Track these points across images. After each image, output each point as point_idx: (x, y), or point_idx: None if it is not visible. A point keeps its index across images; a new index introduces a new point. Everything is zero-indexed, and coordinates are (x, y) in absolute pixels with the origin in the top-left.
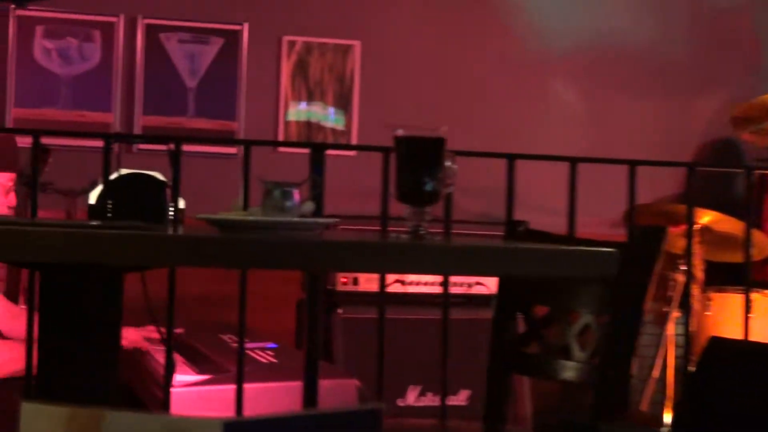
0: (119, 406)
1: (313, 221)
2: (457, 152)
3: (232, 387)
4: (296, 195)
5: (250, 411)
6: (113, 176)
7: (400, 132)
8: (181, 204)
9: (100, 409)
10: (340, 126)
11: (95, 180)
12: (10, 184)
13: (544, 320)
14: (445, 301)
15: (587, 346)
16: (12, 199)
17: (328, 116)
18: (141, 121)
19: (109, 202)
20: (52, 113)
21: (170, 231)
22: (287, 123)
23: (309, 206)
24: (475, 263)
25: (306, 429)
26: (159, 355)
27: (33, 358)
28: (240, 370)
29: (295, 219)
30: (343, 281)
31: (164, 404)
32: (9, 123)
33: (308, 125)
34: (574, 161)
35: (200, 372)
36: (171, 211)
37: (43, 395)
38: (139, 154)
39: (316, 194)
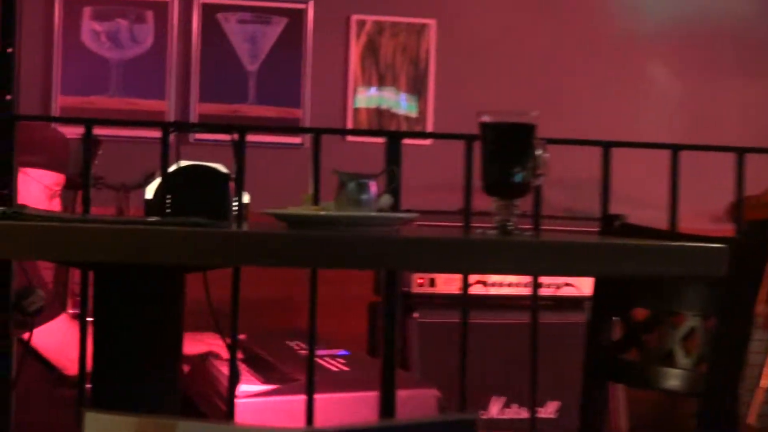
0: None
1: (392, 216)
2: (549, 140)
3: (301, 398)
4: (373, 188)
5: (320, 423)
6: (172, 169)
7: (486, 118)
8: (246, 198)
9: (170, 418)
10: (413, 113)
11: (152, 173)
12: (57, 188)
13: (645, 324)
14: (534, 304)
15: (692, 353)
16: (57, 205)
17: (401, 102)
18: (197, 109)
19: (168, 196)
20: (101, 101)
21: (235, 227)
22: (356, 110)
23: (387, 200)
24: (570, 262)
25: None
26: (221, 364)
27: (86, 364)
28: (310, 380)
29: (373, 214)
30: (419, 282)
31: (228, 416)
32: (55, 112)
33: (379, 112)
34: (676, 149)
35: (266, 381)
36: (235, 206)
37: (99, 404)
38: (196, 144)
39: (394, 187)
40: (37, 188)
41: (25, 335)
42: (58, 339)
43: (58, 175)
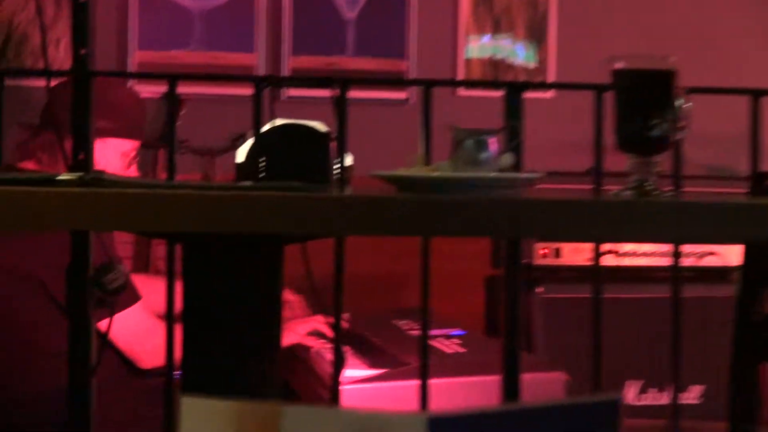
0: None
1: (515, 177)
2: (691, 89)
3: (413, 383)
4: (493, 145)
5: (433, 406)
6: (265, 128)
7: (619, 64)
8: (348, 160)
9: (277, 403)
10: (531, 63)
11: (241, 134)
12: (134, 153)
13: None
14: (676, 275)
15: None
16: (134, 173)
17: (517, 51)
18: (290, 63)
19: (262, 159)
20: (182, 56)
21: (338, 192)
22: (467, 61)
23: (508, 159)
24: (719, 227)
25: (527, 425)
26: (323, 349)
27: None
28: (424, 363)
29: (493, 175)
30: (542, 253)
31: (332, 404)
32: (132, 68)
33: (493, 63)
34: None
35: (373, 366)
36: (336, 168)
37: (191, 390)
38: (289, 102)
39: (516, 144)
40: (113, 156)
41: (102, 323)
42: (132, 328)
43: (133, 142)
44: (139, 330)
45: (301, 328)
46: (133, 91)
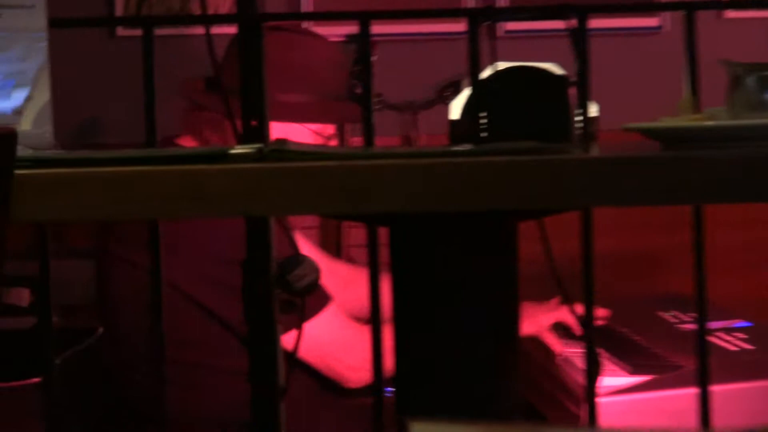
0: (522, 424)
1: None
2: None
3: (687, 391)
4: None
5: (720, 425)
6: (484, 74)
7: None
8: (593, 109)
9: (525, 425)
10: None
11: (452, 83)
12: (331, 131)
13: None
14: None
15: None
16: None
17: None
18: None
19: (483, 114)
20: None
21: (583, 152)
22: None
23: None
24: None
25: None
26: (569, 350)
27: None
28: (703, 365)
29: None
30: None
31: (588, 421)
32: (306, 7)
33: None
34: None
35: (635, 371)
36: (578, 121)
37: (407, 409)
38: (508, 38)
39: None
40: (304, 135)
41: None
42: (327, 339)
43: (330, 120)
44: (337, 340)
45: (544, 319)
46: (330, 45)
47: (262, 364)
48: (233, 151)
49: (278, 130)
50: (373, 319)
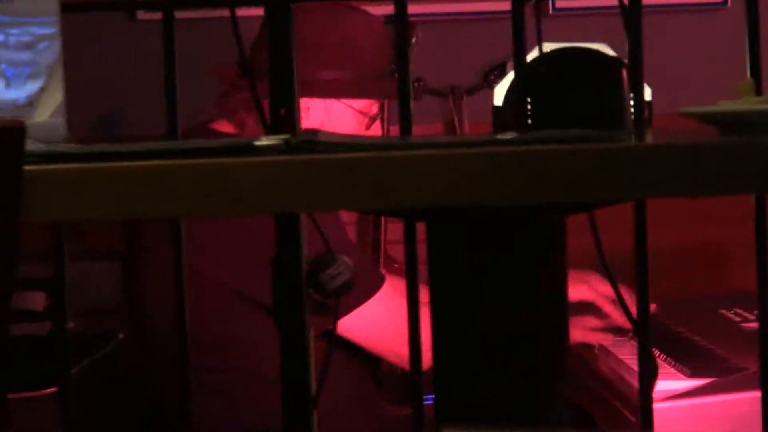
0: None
1: None
2: None
3: (752, 395)
4: None
5: None
6: (531, 57)
7: None
8: (647, 94)
9: None
10: None
11: (497, 66)
12: (375, 110)
13: None
14: None
15: None
16: (376, 130)
17: None
18: None
19: (529, 99)
20: None
21: (637, 140)
22: None
23: None
24: None
25: None
26: (621, 351)
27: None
28: (765, 367)
29: None
30: None
31: (643, 426)
32: None
33: None
34: None
35: (694, 374)
36: (632, 106)
37: (447, 415)
38: (557, 17)
39: None
40: (347, 116)
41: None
42: (379, 322)
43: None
44: (397, 320)
45: (603, 287)
46: (374, 20)
47: (293, 369)
48: (259, 143)
49: (320, 110)
50: (410, 326)
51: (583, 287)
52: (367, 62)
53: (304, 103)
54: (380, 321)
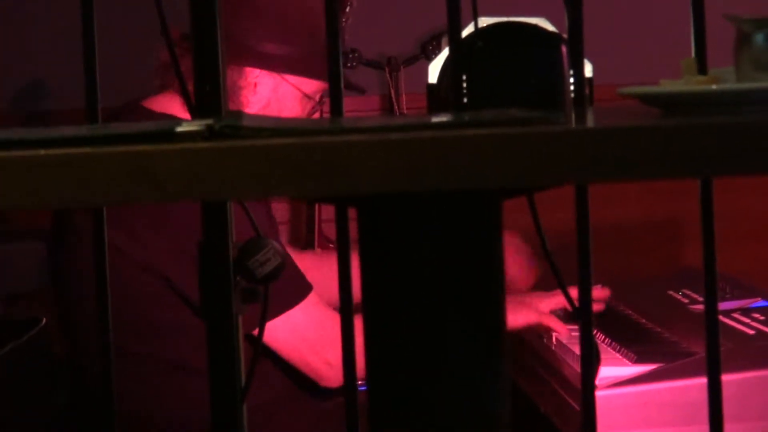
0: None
1: None
2: None
3: (699, 381)
4: None
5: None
6: (466, 32)
7: None
8: (587, 70)
9: None
10: None
11: (438, 34)
12: (317, 96)
13: None
14: None
15: None
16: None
17: None
18: None
19: (465, 77)
20: None
21: (576, 121)
22: None
23: None
24: None
25: None
26: (567, 336)
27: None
28: (713, 351)
29: None
30: None
31: (585, 414)
32: None
33: None
34: None
35: (640, 360)
36: (571, 85)
37: (380, 411)
38: None
39: None
40: (291, 99)
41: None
42: (305, 332)
43: (318, 84)
44: (316, 333)
45: (543, 305)
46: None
47: (221, 360)
48: (180, 129)
49: (268, 88)
50: (343, 310)
51: (524, 311)
52: (319, 39)
53: (252, 77)
54: (300, 330)
